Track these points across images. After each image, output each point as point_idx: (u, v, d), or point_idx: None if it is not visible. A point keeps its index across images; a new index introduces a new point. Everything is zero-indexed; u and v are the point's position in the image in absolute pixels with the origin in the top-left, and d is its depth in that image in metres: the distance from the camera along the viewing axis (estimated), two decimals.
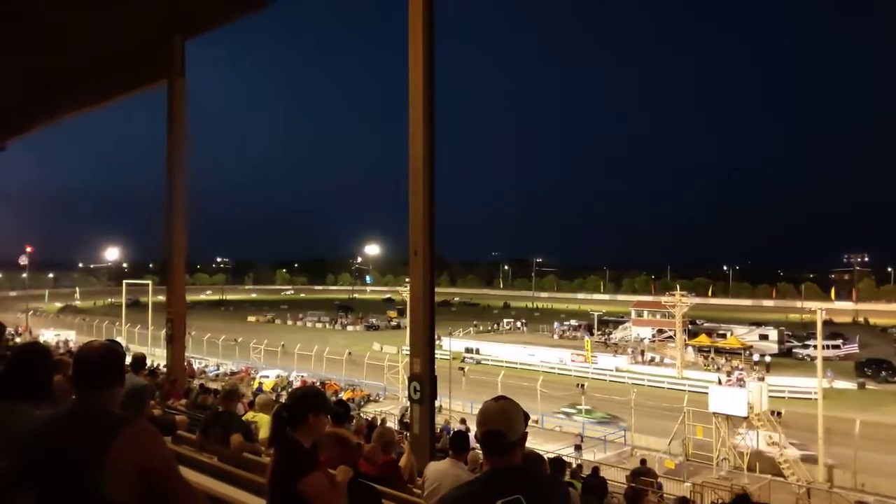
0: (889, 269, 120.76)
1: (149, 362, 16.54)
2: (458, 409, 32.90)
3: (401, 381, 36.84)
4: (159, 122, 14.95)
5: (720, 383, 36.19)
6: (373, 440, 6.47)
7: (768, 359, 49.92)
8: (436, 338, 11.59)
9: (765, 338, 57.09)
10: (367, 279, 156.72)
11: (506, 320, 79.07)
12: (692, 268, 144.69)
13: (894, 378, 45.17)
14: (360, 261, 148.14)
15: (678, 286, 66.01)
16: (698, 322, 63.97)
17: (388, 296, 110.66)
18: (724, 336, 57.10)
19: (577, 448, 27.37)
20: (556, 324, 72.17)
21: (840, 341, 55.90)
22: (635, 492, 13.96)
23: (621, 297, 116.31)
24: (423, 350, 9.90)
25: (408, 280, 12.19)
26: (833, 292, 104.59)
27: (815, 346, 39.21)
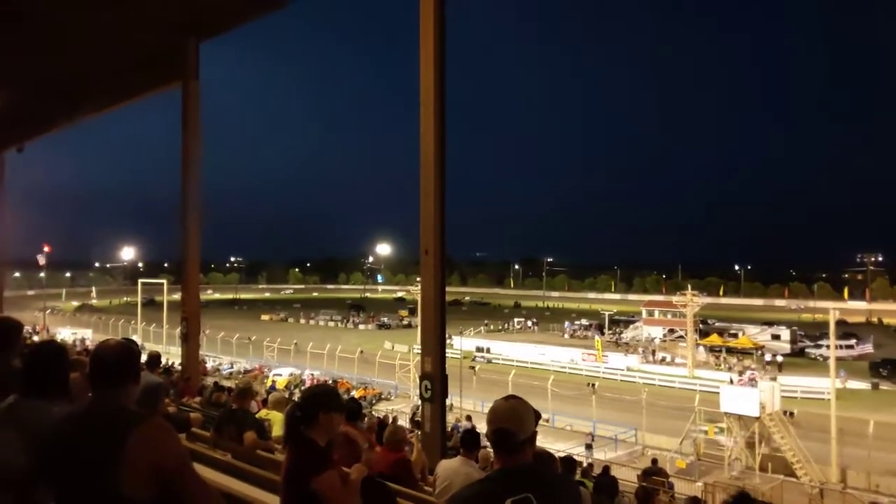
0: None
1: (163, 360, 16.70)
2: (469, 407, 32.88)
3: (412, 379, 36.88)
4: (176, 122, 15.08)
5: (732, 383, 35.98)
6: (384, 439, 6.51)
7: (780, 359, 49.46)
8: (447, 337, 11.64)
9: (777, 338, 56.61)
10: (379, 278, 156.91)
11: (516, 320, 78.86)
12: (703, 267, 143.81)
13: None
14: (371, 260, 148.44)
15: (689, 286, 65.61)
16: (710, 322, 63.54)
17: (399, 295, 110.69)
18: (735, 336, 56.67)
19: (588, 447, 27.32)
20: (566, 323, 71.94)
21: (853, 341, 55.36)
22: (646, 491, 13.92)
23: (632, 296, 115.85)
24: (434, 349, 9.95)
25: (419, 279, 12.22)
26: (846, 292, 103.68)
27: (827, 346, 38.86)
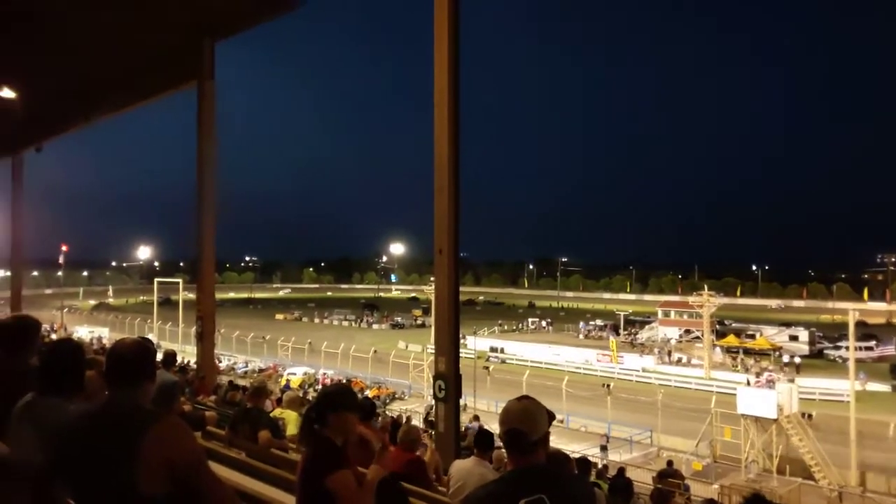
0: None
1: (179, 359, 16.80)
2: (483, 408, 32.85)
3: (426, 379, 36.87)
4: (192, 122, 15.19)
5: (749, 384, 35.68)
6: (398, 439, 6.51)
7: (798, 360, 48.98)
8: (460, 337, 11.63)
9: (795, 339, 56.04)
10: (393, 278, 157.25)
11: (531, 320, 78.73)
12: (720, 267, 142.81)
13: None
14: (385, 260, 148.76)
15: (706, 286, 65.14)
16: (726, 322, 63.07)
17: (413, 294, 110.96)
18: (752, 337, 56.19)
19: (603, 448, 27.20)
20: (581, 323, 71.69)
21: (873, 342, 54.65)
22: (662, 493, 13.87)
23: (648, 296, 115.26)
24: (448, 349, 9.95)
25: (433, 279, 12.22)
26: (866, 293, 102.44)
27: (847, 348, 38.45)
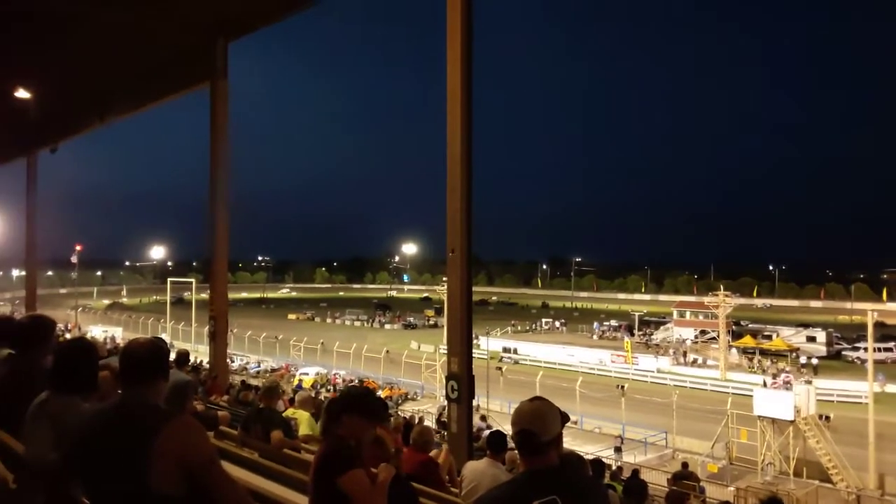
0: None
1: (192, 359, 16.90)
2: (496, 408, 32.82)
3: (438, 379, 36.88)
4: (206, 121, 15.29)
5: (765, 386, 35.40)
6: (411, 439, 6.49)
7: (816, 361, 48.58)
8: (473, 337, 11.59)
9: (812, 339, 55.61)
10: (405, 278, 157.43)
11: (544, 320, 78.58)
12: (736, 267, 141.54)
13: None
14: (397, 260, 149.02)
15: (722, 286, 64.78)
16: (743, 323, 62.63)
17: (425, 294, 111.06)
18: (769, 338, 55.79)
19: (618, 450, 27.08)
20: (595, 324, 71.49)
21: (892, 343, 54.02)
22: (677, 495, 13.77)
23: (663, 297, 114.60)
24: (461, 349, 9.91)
25: (445, 279, 12.20)
26: (885, 293, 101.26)
27: (865, 349, 38.03)
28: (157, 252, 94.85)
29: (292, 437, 6.48)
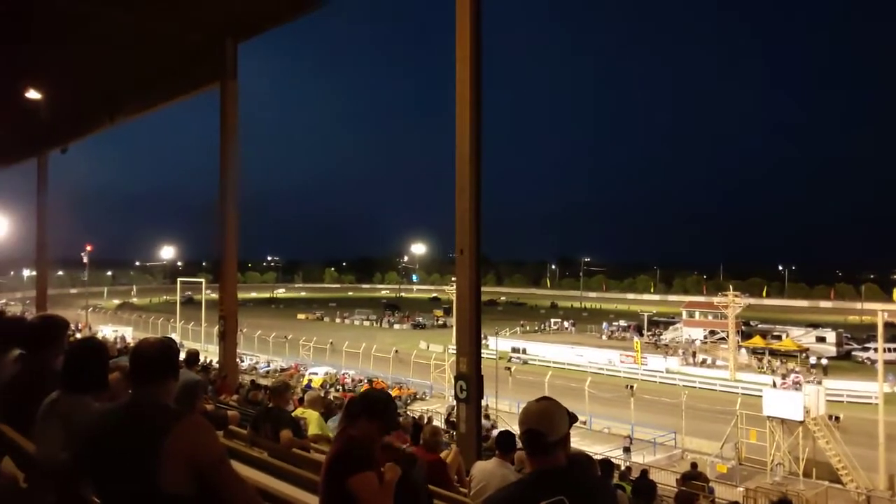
0: None
1: (201, 358, 16.96)
2: (505, 409, 32.78)
3: (447, 379, 36.88)
4: (216, 121, 15.34)
5: (775, 386, 35.20)
6: (422, 439, 6.49)
7: (826, 362, 48.30)
8: (482, 337, 11.58)
9: (822, 340, 55.29)
10: (414, 278, 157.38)
11: (553, 320, 78.37)
12: (746, 267, 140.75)
13: None
14: (406, 260, 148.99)
15: (731, 286, 64.41)
16: (752, 323, 62.31)
17: (434, 295, 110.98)
18: (779, 338, 55.50)
19: (626, 450, 27.00)
20: (604, 324, 71.25)
21: None
22: (686, 495, 13.71)
23: (672, 297, 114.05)
24: (470, 349, 9.91)
25: (454, 279, 12.20)
26: (895, 293, 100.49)
27: (875, 349, 37.78)
28: (167, 252, 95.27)
29: (301, 436, 6.49)
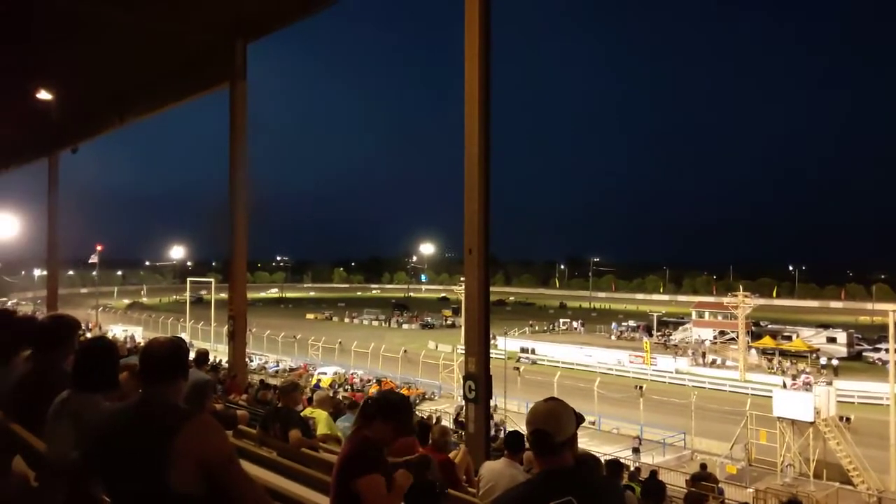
0: None
1: (211, 358, 17.02)
2: (514, 409, 32.75)
3: (456, 379, 36.89)
4: (225, 121, 15.39)
5: (785, 387, 35.01)
6: (431, 439, 6.50)
7: (836, 362, 47.94)
8: (491, 337, 11.57)
9: (833, 340, 54.85)
10: (423, 278, 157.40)
11: (562, 320, 78.11)
12: (756, 267, 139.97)
13: None
14: (415, 260, 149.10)
15: (741, 286, 64.04)
16: (762, 324, 61.95)
17: (442, 294, 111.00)
18: (789, 338, 55.10)
19: (636, 451, 26.90)
20: (613, 324, 70.97)
21: None
22: (695, 496, 13.65)
23: (682, 297, 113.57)
24: (479, 349, 9.90)
25: (463, 279, 12.20)
26: None
27: (886, 350, 37.47)
28: (177, 252, 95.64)
29: (310, 436, 6.51)
